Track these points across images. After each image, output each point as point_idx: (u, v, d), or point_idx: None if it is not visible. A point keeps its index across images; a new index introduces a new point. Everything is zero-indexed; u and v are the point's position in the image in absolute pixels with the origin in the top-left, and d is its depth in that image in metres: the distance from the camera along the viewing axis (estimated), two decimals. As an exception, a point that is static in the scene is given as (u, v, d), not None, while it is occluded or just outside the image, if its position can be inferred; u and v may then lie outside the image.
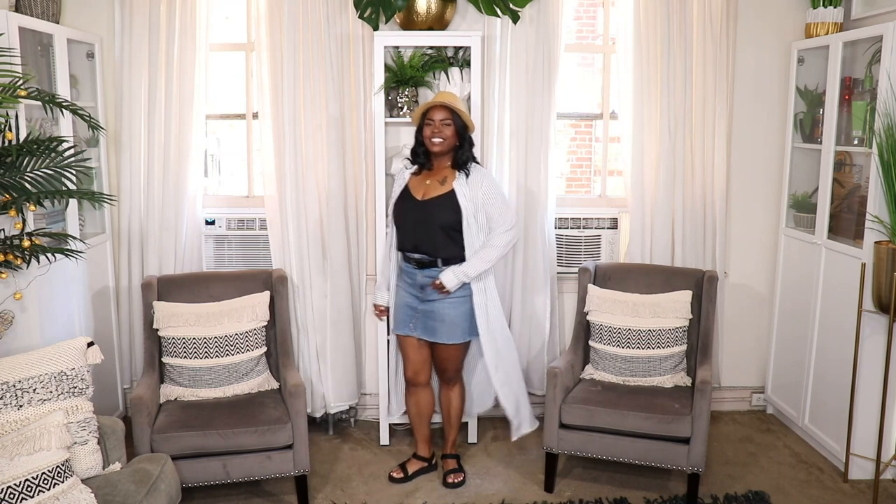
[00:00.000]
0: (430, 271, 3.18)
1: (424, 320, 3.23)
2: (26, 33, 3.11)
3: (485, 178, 3.17)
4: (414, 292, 3.25)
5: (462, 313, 3.21)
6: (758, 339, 4.15)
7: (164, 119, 3.64)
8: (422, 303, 3.22)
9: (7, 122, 2.76)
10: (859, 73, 3.46)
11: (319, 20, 3.58)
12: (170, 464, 2.70)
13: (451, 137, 3.13)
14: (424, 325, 3.24)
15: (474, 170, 3.18)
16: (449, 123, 3.12)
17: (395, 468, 3.47)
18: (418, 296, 3.23)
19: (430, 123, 3.13)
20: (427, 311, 3.21)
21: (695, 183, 3.85)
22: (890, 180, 3.03)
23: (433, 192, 3.16)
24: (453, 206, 3.12)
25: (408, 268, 3.25)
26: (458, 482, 3.37)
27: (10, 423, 2.43)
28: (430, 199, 3.15)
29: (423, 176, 3.22)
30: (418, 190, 3.19)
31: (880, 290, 3.14)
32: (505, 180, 3.78)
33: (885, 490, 3.30)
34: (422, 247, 3.17)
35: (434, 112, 3.12)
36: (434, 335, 3.23)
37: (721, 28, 3.73)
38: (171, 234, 3.72)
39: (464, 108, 3.17)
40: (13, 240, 2.78)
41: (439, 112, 3.12)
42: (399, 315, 3.33)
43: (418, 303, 3.23)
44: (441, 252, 3.16)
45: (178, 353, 3.27)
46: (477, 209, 3.14)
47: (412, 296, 3.25)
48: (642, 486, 3.36)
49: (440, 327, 3.21)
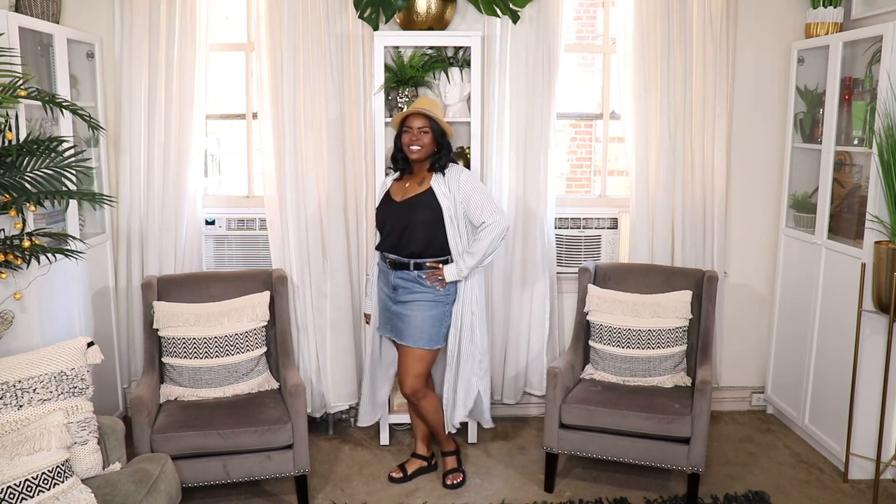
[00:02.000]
0: (402, 273, 3.20)
1: (396, 321, 3.25)
2: (26, 33, 3.10)
3: (461, 173, 3.17)
4: (388, 293, 3.28)
5: (430, 318, 3.18)
6: (758, 339, 4.15)
7: (164, 119, 3.64)
8: (395, 304, 3.25)
9: (7, 122, 2.76)
10: (859, 73, 3.46)
11: (319, 20, 3.58)
12: (170, 464, 2.70)
13: (428, 145, 3.15)
14: (395, 327, 3.26)
15: (450, 168, 3.19)
16: (427, 131, 3.13)
17: (395, 468, 3.47)
18: (391, 296, 3.26)
19: (409, 131, 3.14)
20: (398, 312, 3.23)
21: (695, 183, 3.85)
22: (890, 180, 3.03)
23: (410, 193, 3.19)
24: (432, 204, 3.13)
25: (384, 268, 3.29)
26: (458, 483, 3.37)
27: (10, 423, 2.43)
28: (407, 199, 3.18)
29: (404, 180, 3.27)
30: (398, 193, 3.24)
31: (880, 290, 3.14)
32: (505, 180, 3.78)
33: (885, 490, 3.31)
34: (398, 248, 3.20)
35: (412, 120, 3.14)
36: (401, 336, 3.23)
37: (721, 28, 3.73)
38: (171, 234, 3.72)
39: (441, 116, 3.18)
40: (13, 240, 2.78)
41: (417, 120, 3.13)
42: (380, 314, 3.38)
43: (392, 303, 3.26)
44: (421, 252, 3.15)
45: (178, 353, 3.27)
46: (456, 204, 3.14)
47: (387, 296, 3.29)
48: (642, 486, 3.36)
49: (407, 329, 3.21)
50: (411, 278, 3.19)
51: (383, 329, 3.36)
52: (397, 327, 3.24)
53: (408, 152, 3.17)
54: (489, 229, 3.10)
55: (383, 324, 3.35)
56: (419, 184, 3.19)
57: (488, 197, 3.17)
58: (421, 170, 3.22)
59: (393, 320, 3.26)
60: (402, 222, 3.17)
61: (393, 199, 3.23)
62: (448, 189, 3.14)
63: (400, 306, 3.22)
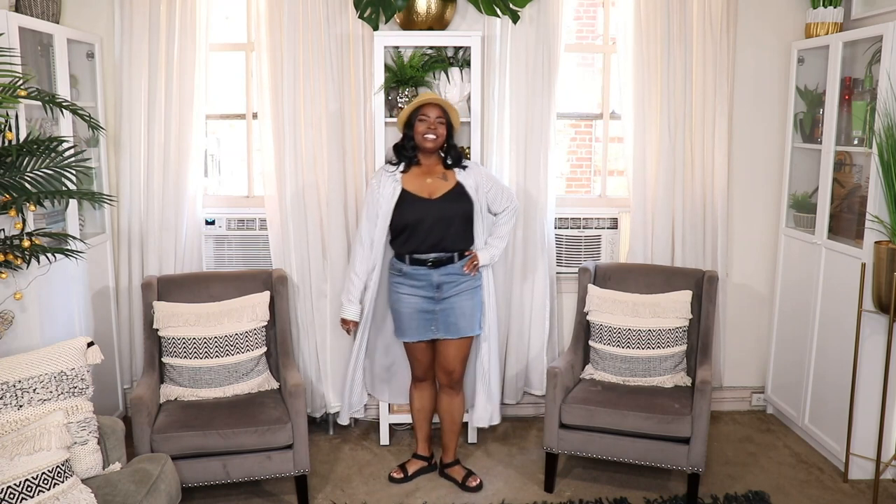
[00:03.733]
0: (446, 268, 3.18)
1: (445, 318, 3.21)
2: (26, 33, 3.10)
3: (476, 166, 3.31)
4: (428, 294, 3.19)
5: (475, 304, 3.27)
6: (758, 339, 4.15)
7: (164, 119, 3.64)
8: (438, 303, 3.20)
9: (7, 122, 2.76)
10: (859, 73, 3.46)
11: (319, 20, 3.58)
12: (170, 464, 2.70)
13: (442, 136, 3.15)
14: (446, 324, 3.22)
15: (468, 163, 3.28)
16: (443, 122, 3.14)
17: (395, 468, 3.47)
18: (433, 296, 3.19)
19: (425, 119, 3.12)
20: (446, 308, 3.20)
21: (695, 183, 3.85)
22: (890, 180, 3.03)
23: (442, 189, 3.16)
24: (465, 198, 3.17)
25: (416, 271, 3.18)
26: (478, 485, 3.36)
27: (10, 423, 2.43)
28: (443, 196, 3.15)
29: (415, 175, 3.19)
30: (422, 190, 3.16)
31: (880, 290, 3.14)
32: (505, 180, 3.77)
33: (885, 490, 3.31)
34: (440, 245, 3.16)
35: (429, 109, 3.12)
36: (458, 331, 3.23)
37: (721, 28, 3.73)
38: (171, 234, 3.71)
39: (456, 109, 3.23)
40: (13, 240, 2.78)
41: (434, 109, 3.12)
42: (411, 323, 3.23)
43: (434, 304, 3.20)
44: (459, 246, 3.20)
45: (178, 353, 3.27)
46: (481, 197, 3.22)
47: (425, 299, 3.19)
48: (642, 486, 3.36)
49: (461, 321, 3.22)
50: (456, 271, 3.19)
51: (421, 335, 3.23)
52: (451, 323, 3.21)
53: (422, 141, 3.13)
54: (509, 212, 3.32)
55: (421, 330, 3.22)
56: (443, 179, 3.17)
57: (502, 184, 3.37)
58: (431, 164, 3.20)
59: (438, 320, 3.21)
60: (444, 218, 3.14)
61: (421, 197, 3.15)
62: (473, 182, 3.20)
63: (446, 302, 3.19)
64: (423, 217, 3.13)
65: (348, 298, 3.32)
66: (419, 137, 3.14)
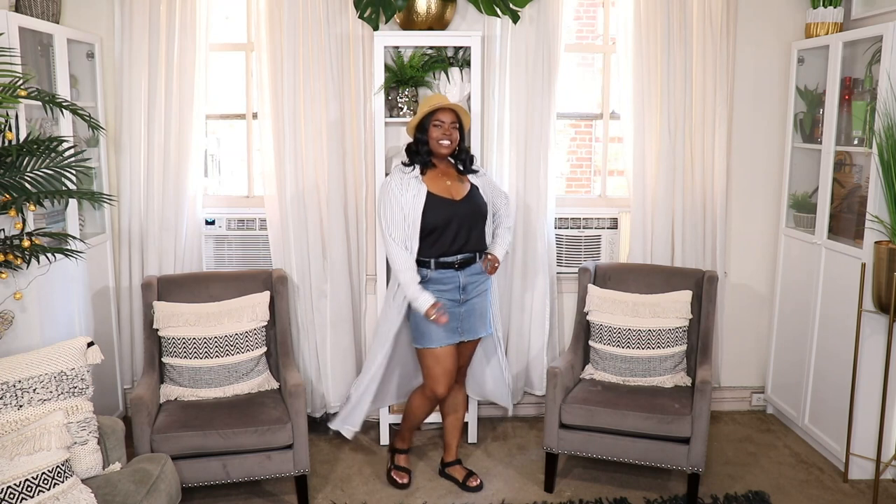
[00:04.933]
0: (470, 269, 3.18)
1: (468, 319, 3.21)
2: (26, 33, 3.11)
3: (482, 172, 3.31)
4: (454, 296, 3.15)
5: (487, 304, 3.30)
6: (758, 339, 4.15)
7: (164, 119, 3.64)
8: (462, 305, 3.18)
9: (7, 122, 2.76)
10: (859, 73, 3.46)
11: (319, 20, 3.58)
12: (170, 464, 2.70)
13: (456, 140, 3.14)
14: (469, 325, 3.22)
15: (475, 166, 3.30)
16: (456, 126, 3.13)
17: (397, 472, 3.42)
18: (458, 298, 3.17)
19: (440, 125, 3.09)
20: (468, 310, 3.20)
21: (695, 183, 3.85)
22: (890, 180, 3.03)
23: (462, 190, 3.17)
24: (481, 198, 3.20)
25: (443, 274, 3.14)
26: (478, 485, 3.36)
27: (10, 423, 2.43)
28: (466, 197, 3.16)
29: (434, 178, 3.14)
30: (445, 191, 3.13)
31: (880, 290, 3.14)
32: (505, 180, 3.78)
33: (885, 490, 3.31)
34: (467, 245, 3.15)
35: (444, 114, 3.09)
36: (477, 331, 3.25)
37: (721, 28, 3.73)
38: (171, 234, 3.71)
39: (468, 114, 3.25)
40: (13, 240, 2.78)
41: (449, 115, 3.10)
42: (440, 328, 3.11)
43: (459, 306, 3.18)
44: (481, 246, 3.22)
45: (178, 353, 3.27)
46: (487, 196, 3.25)
47: (452, 302, 3.15)
48: (642, 486, 3.36)
49: (478, 322, 3.24)
50: (478, 270, 3.19)
51: (450, 338, 3.14)
52: (470, 325, 3.21)
53: (437, 146, 3.10)
54: (507, 205, 3.37)
55: (449, 333, 3.14)
56: (460, 181, 3.19)
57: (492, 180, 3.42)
58: (445, 167, 3.19)
59: (463, 322, 3.19)
60: (470, 219, 3.14)
61: (448, 199, 3.10)
62: (480, 182, 3.24)
63: (468, 304, 3.18)
64: (451, 218, 3.09)
65: (418, 290, 3.06)
66: (434, 143, 3.11)
